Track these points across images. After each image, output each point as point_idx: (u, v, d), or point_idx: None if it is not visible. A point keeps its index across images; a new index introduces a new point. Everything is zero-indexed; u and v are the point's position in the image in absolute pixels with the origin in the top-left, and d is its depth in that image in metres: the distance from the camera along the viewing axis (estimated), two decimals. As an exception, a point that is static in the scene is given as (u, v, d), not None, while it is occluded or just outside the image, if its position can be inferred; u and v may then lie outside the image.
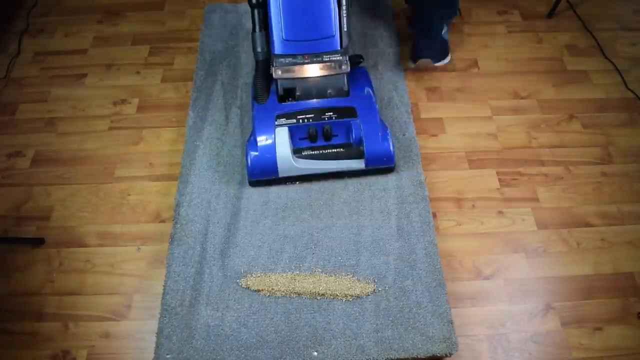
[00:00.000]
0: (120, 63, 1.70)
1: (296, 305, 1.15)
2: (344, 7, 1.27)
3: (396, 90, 1.54)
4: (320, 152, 1.29)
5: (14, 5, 1.89)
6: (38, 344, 1.15)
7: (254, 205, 1.31)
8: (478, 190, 1.39)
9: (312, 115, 1.29)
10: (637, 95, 1.59)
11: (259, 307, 1.15)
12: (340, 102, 1.32)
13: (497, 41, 1.75)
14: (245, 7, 1.78)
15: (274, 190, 1.33)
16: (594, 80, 1.64)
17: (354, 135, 1.29)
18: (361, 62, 1.46)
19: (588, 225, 1.33)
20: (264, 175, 1.29)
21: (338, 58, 1.28)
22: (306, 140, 1.30)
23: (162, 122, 1.54)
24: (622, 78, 1.63)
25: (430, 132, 1.51)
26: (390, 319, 1.13)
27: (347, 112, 1.30)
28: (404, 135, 1.44)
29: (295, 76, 1.29)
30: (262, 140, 1.26)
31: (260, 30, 1.33)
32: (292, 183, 1.32)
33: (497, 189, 1.39)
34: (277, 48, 1.28)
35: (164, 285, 1.18)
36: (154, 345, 1.10)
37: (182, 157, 1.40)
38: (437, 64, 1.60)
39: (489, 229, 1.32)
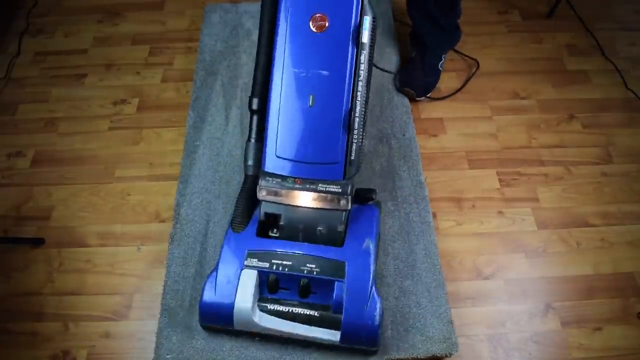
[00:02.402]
0: (120, 63, 1.70)
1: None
2: (354, 132, 1.03)
3: (396, 90, 1.54)
4: (290, 310, 1.03)
5: (14, 5, 1.89)
6: (38, 344, 1.15)
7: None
8: (478, 190, 1.39)
9: (291, 262, 1.03)
10: (637, 95, 1.59)
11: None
12: (328, 253, 1.04)
13: (497, 41, 1.75)
14: (244, 7, 1.78)
15: (274, 190, 1.33)
16: (594, 80, 1.64)
17: (334, 298, 1.01)
18: (373, 199, 1.16)
19: (588, 225, 1.33)
20: (217, 322, 1.07)
21: (337, 190, 1.04)
22: (279, 290, 1.06)
23: (162, 122, 1.54)
24: (622, 78, 1.63)
25: (430, 132, 1.51)
26: (390, 319, 1.13)
27: (333, 268, 1.03)
28: (404, 135, 1.44)
29: (282, 202, 1.07)
30: (223, 280, 1.04)
31: (256, 141, 1.13)
32: (250, 338, 1.11)
33: (497, 189, 1.39)
34: (267, 164, 1.07)
35: (164, 285, 1.19)
36: (154, 345, 1.10)
37: (182, 157, 1.40)
38: (418, 99, 1.54)
39: (489, 229, 1.32)
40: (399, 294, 1.16)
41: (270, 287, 1.04)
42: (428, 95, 1.55)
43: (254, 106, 1.11)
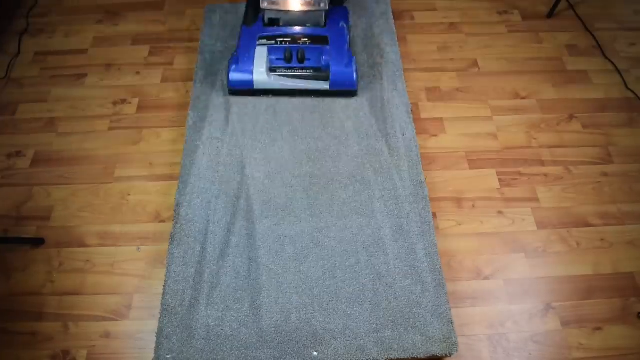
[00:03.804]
0: (120, 63, 1.70)
1: (296, 305, 1.15)
2: None
3: (396, 90, 1.54)
4: (292, 72, 1.47)
5: (14, 5, 1.89)
6: (38, 344, 1.15)
7: (254, 205, 1.31)
8: (478, 190, 1.39)
9: (290, 39, 1.50)
10: (637, 95, 1.59)
11: (259, 307, 1.15)
12: (316, 31, 1.53)
13: (497, 41, 1.76)
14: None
15: (274, 190, 1.33)
16: (594, 80, 1.64)
17: (323, 60, 1.47)
18: (344, 1, 1.67)
19: (588, 225, 1.33)
20: (242, 86, 1.47)
21: None
22: (282, 60, 1.47)
23: (162, 122, 1.54)
24: (622, 78, 1.63)
25: (430, 132, 1.51)
26: (390, 319, 1.13)
27: (319, 39, 1.50)
28: (403, 135, 1.44)
29: (280, 8, 1.51)
30: (244, 56, 1.47)
31: None
32: (266, 96, 1.50)
33: (497, 189, 1.39)
34: None
35: (164, 285, 1.18)
36: (154, 345, 1.10)
37: (182, 157, 1.40)
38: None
39: (489, 229, 1.32)
40: (399, 293, 1.16)
41: (286, 57, 1.47)
42: None
43: None
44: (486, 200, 1.37)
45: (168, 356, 1.09)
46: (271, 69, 1.47)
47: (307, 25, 1.55)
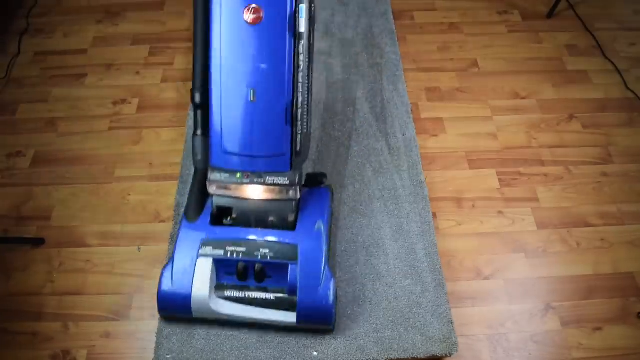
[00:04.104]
0: (120, 63, 1.70)
1: (296, 306, 1.14)
2: (298, 123, 1.04)
3: (396, 90, 1.54)
4: (246, 295, 1.06)
5: (14, 5, 1.89)
6: (38, 344, 1.15)
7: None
8: (478, 190, 1.39)
9: (244, 249, 1.06)
10: (637, 95, 1.59)
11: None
12: (281, 237, 1.08)
13: (497, 41, 1.75)
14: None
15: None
16: (594, 80, 1.64)
17: (289, 280, 1.05)
18: (323, 183, 1.21)
19: (588, 225, 1.33)
20: (175, 312, 1.10)
21: (285, 181, 1.05)
22: (233, 276, 1.08)
23: (162, 122, 1.54)
24: (622, 78, 1.63)
25: (430, 132, 1.51)
26: (390, 319, 1.13)
27: (285, 252, 1.06)
28: (403, 135, 1.44)
29: (232, 195, 1.08)
30: (180, 269, 1.06)
31: (202, 134, 1.11)
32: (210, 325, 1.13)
33: (497, 189, 1.39)
34: (215, 159, 1.07)
35: (164, 285, 1.18)
36: (154, 345, 1.10)
37: (182, 157, 1.40)
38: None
39: (489, 229, 1.32)
40: (399, 294, 1.16)
41: (239, 274, 1.07)
42: None
43: (197, 100, 1.09)
44: (486, 200, 1.37)
45: (168, 356, 1.09)
46: (218, 288, 1.07)
47: (271, 220, 1.10)
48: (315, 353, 1.09)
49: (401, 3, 1.86)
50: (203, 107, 1.09)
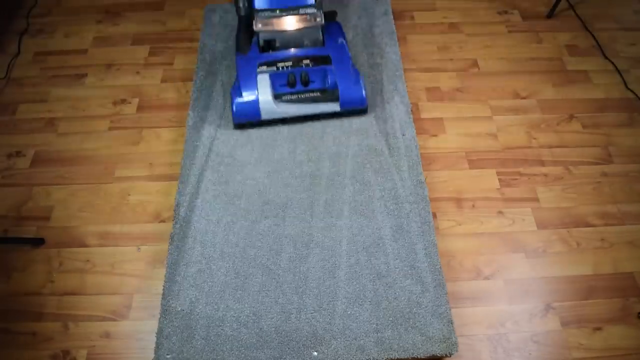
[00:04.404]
0: (120, 63, 1.70)
1: (296, 306, 1.15)
2: None
3: (396, 90, 1.54)
4: (299, 96, 1.41)
5: (14, 5, 1.89)
6: (38, 344, 1.15)
7: (255, 205, 1.31)
8: (478, 190, 1.39)
9: (291, 62, 1.43)
10: (637, 95, 1.59)
11: (259, 307, 1.15)
12: (316, 51, 1.46)
13: (497, 41, 1.75)
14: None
15: (274, 190, 1.33)
16: (594, 80, 1.64)
17: (329, 81, 1.42)
18: (335, 17, 1.61)
19: (588, 225, 1.33)
20: (248, 118, 1.41)
21: (313, 11, 1.42)
22: (285, 86, 1.42)
23: (162, 122, 1.54)
24: (622, 78, 1.63)
25: (430, 132, 1.51)
26: (390, 319, 1.13)
27: (322, 60, 1.44)
28: (403, 135, 1.44)
29: (275, 29, 1.42)
30: (246, 86, 1.40)
31: None
32: (273, 125, 1.44)
33: (497, 189, 1.39)
34: (258, 3, 1.42)
35: (163, 286, 1.18)
36: (154, 345, 1.10)
37: (182, 157, 1.40)
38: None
39: (489, 229, 1.32)
40: (399, 294, 1.16)
41: (290, 82, 1.41)
42: None
43: None
44: (486, 200, 1.37)
45: (168, 356, 1.09)
46: (276, 96, 1.41)
47: (305, 44, 1.49)
48: (315, 353, 1.09)
49: (401, 3, 1.87)
50: None
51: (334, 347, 1.09)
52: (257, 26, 1.41)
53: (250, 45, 1.48)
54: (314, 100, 1.42)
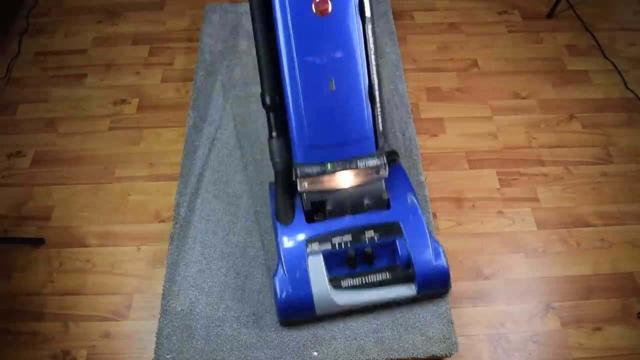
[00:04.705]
0: (120, 63, 1.70)
1: (296, 306, 1.15)
2: (377, 103, 1.07)
3: (396, 90, 1.54)
4: (363, 279, 1.08)
5: (14, 5, 1.89)
6: (38, 344, 1.15)
7: (255, 205, 1.31)
8: (478, 190, 1.39)
9: (350, 236, 1.09)
10: (637, 95, 1.59)
11: (259, 307, 1.15)
12: (381, 217, 1.11)
13: (497, 41, 1.75)
14: (244, 7, 1.78)
15: (274, 190, 1.33)
16: (594, 80, 1.64)
17: (400, 255, 1.08)
18: (397, 159, 1.26)
19: (588, 225, 1.33)
20: (299, 316, 1.10)
21: (375, 162, 1.07)
22: (342, 266, 1.10)
23: (162, 122, 1.54)
24: (622, 78, 1.63)
25: (430, 132, 1.51)
26: (390, 319, 1.12)
27: (390, 229, 1.10)
28: (403, 135, 1.44)
29: (325, 188, 1.09)
30: (294, 273, 1.06)
31: (278, 136, 1.09)
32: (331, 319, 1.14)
33: (497, 189, 1.39)
34: (301, 156, 1.06)
35: (163, 286, 1.18)
36: (154, 345, 1.10)
37: (182, 157, 1.40)
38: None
39: (489, 229, 1.32)
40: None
41: (349, 262, 1.09)
42: None
43: (268, 102, 1.08)
44: (486, 200, 1.37)
45: (168, 356, 1.09)
46: (333, 281, 1.07)
47: (366, 204, 1.12)
48: (315, 353, 1.09)
49: (401, 3, 1.87)
50: (274, 108, 1.09)
51: (334, 347, 1.09)
52: (302, 186, 1.07)
53: (294, 212, 1.13)
54: (382, 283, 1.08)
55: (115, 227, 1.33)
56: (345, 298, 1.06)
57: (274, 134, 1.10)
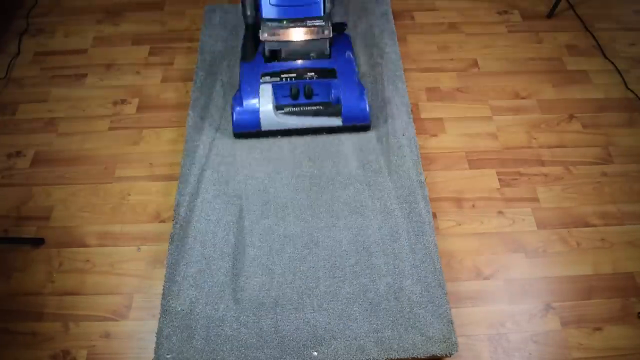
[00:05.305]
0: (120, 63, 1.70)
1: (296, 305, 1.15)
2: None
3: (396, 90, 1.54)
4: (301, 109, 1.38)
5: (14, 5, 1.89)
6: (38, 344, 1.15)
7: (254, 205, 1.31)
8: (478, 190, 1.39)
9: (295, 74, 1.39)
10: (637, 95, 1.59)
11: (259, 307, 1.15)
12: (322, 64, 1.42)
13: (497, 41, 1.75)
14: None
15: (274, 190, 1.33)
16: (594, 80, 1.64)
17: (333, 95, 1.38)
18: (345, 29, 1.59)
19: (588, 225, 1.33)
20: (248, 128, 1.38)
21: (321, 23, 1.37)
22: (288, 97, 1.38)
23: (162, 122, 1.54)
24: (622, 78, 1.63)
25: (430, 132, 1.51)
26: (390, 319, 1.13)
27: (327, 73, 1.40)
28: (403, 135, 1.44)
29: (281, 39, 1.38)
30: (248, 95, 1.37)
31: None
32: (274, 137, 1.41)
33: (497, 189, 1.39)
34: (265, 12, 1.37)
35: (163, 286, 1.18)
36: (154, 345, 1.10)
37: (182, 157, 1.40)
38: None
39: (489, 229, 1.32)
40: (399, 293, 1.16)
41: (293, 94, 1.37)
42: None
43: None
44: (486, 200, 1.37)
45: (168, 356, 1.09)
46: (278, 107, 1.38)
47: (311, 56, 1.44)
48: (315, 353, 1.09)
49: (401, 3, 1.87)
50: None
51: (334, 347, 1.09)
52: (263, 36, 1.37)
53: (256, 54, 1.45)
54: (316, 113, 1.38)
55: (115, 227, 1.33)
56: (285, 119, 1.38)
57: None
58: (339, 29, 1.55)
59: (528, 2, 1.88)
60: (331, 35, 1.38)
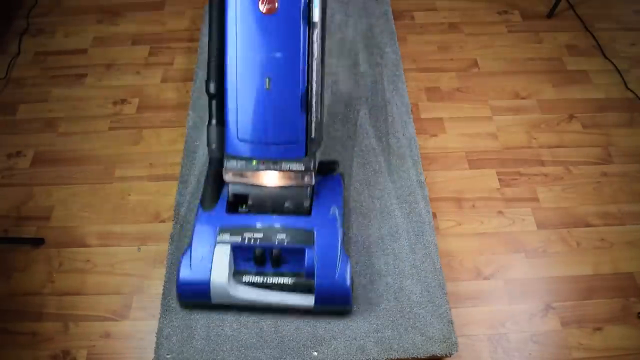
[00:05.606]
0: (120, 63, 1.70)
1: (296, 306, 1.14)
2: (313, 110, 1.05)
3: (396, 90, 1.54)
4: (264, 279, 1.07)
5: (14, 5, 1.89)
6: (38, 344, 1.15)
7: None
8: (478, 190, 1.39)
9: (261, 235, 1.07)
10: (637, 95, 1.59)
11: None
12: (298, 222, 1.09)
13: (497, 41, 1.76)
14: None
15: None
16: (594, 80, 1.64)
17: (306, 264, 1.06)
18: (336, 169, 1.24)
19: (588, 225, 1.33)
20: (195, 299, 1.10)
21: (300, 167, 1.07)
22: (251, 261, 1.08)
23: (162, 122, 1.54)
24: (622, 78, 1.63)
25: (430, 132, 1.51)
26: (390, 318, 1.13)
27: (302, 236, 1.07)
28: (403, 135, 1.44)
29: (248, 182, 1.10)
30: (198, 257, 1.07)
31: (217, 123, 1.12)
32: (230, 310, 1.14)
33: (497, 189, 1.39)
34: (230, 147, 1.08)
35: (163, 286, 1.18)
36: (154, 345, 1.10)
37: (182, 157, 1.40)
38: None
39: (489, 229, 1.32)
40: (399, 293, 1.16)
41: (256, 260, 1.07)
42: None
43: (211, 90, 1.10)
44: (486, 200, 1.37)
45: (168, 356, 1.09)
46: (236, 274, 1.07)
47: (286, 206, 1.11)
48: (315, 353, 1.09)
49: (401, 3, 1.87)
50: (217, 97, 1.11)
51: (334, 347, 1.09)
52: (227, 176, 1.09)
53: (217, 199, 1.14)
54: (282, 288, 1.06)
55: (115, 227, 1.33)
56: (242, 293, 1.06)
57: (213, 121, 1.12)
58: (328, 169, 1.21)
59: (528, 2, 1.88)
60: (313, 183, 1.08)
